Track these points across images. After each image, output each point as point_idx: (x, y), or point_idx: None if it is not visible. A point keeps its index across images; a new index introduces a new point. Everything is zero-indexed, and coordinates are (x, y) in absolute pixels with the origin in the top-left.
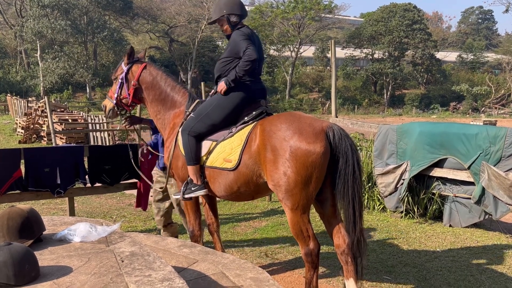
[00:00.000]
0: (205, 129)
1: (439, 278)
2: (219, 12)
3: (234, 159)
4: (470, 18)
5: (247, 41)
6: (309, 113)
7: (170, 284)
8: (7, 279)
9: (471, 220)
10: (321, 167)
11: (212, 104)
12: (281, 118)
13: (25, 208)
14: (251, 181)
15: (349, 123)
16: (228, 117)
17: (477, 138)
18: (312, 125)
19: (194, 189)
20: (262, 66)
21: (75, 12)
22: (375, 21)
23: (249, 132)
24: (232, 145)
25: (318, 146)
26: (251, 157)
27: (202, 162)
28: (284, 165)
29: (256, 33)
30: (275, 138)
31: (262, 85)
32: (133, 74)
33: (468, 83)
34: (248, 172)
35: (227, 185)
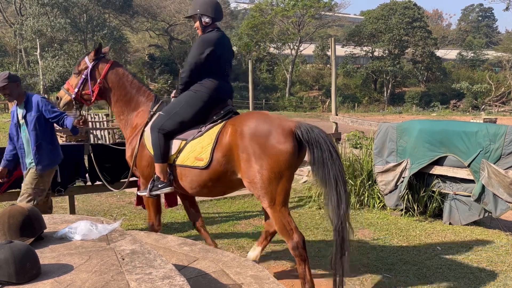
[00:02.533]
0: (174, 127)
1: (439, 275)
2: (193, 10)
3: (206, 158)
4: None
5: (193, 55)
6: (310, 111)
7: (171, 282)
8: (8, 277)
9: (471, 218)
10: (292, 164)
11: (181, 102)
12: (252, 118)
13: (26, 206)
14: (224, 178)
15: (349, 121)
16: (197, 116)
17: (477, 136)
18: (281, 125)
19: (161, 186)
20: (231, 67)
21: (74, 10)
22: (375, 18)
23: (218, 131)
24: (203, 144)
25: (288, 145)
26: (224, 155)
27: (170, 160)
28: (257, 164)
29: (226, 35)
30: (248, 138)
31: (230, 85)
32: (99, 72)
33: (468, 80)
34: (221, 169)
35: (199, 182)
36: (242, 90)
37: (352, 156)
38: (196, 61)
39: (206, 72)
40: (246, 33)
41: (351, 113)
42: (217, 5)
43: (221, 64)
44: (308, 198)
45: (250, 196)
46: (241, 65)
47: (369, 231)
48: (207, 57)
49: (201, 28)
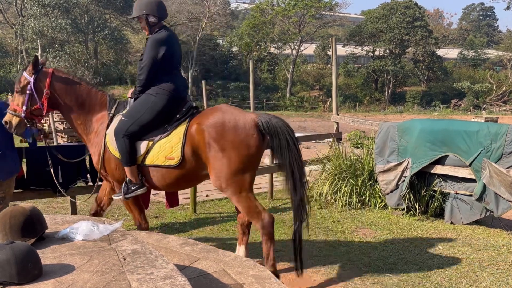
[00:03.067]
0: (140, 130)
1: (441, 275)
2: (139, 10)
3: (177, 156)
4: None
5: (149, 56)
6: (311, 111)
7: (172, 282)
8: (10, 277)
9: (472, 217)
10: (258, 155)
11: (144, 107)
12: (216, 114)
13: (27, 206)
14: (194, 173)
15: (350, 121)
16: (161, 117)
17: (478, 135)
18: (245, 118)
19: (134, 188)
20: (180, 61)
21: (75, 11)
22: (376, 18)
23: (185, 129)
24: (172, 143)
25: (254, 137)
26: (193, 152)
27: (139, 161)
28: (226, 157)
29: (174, 33)
30: (215, 133)
31: (184, 80)
32: (43, 83)
33: (469, 80)
34: (191, 166)
35: (170, 179)
36: (243, 90)
37: (353, 155)
38: (153, 61)
39: (162, 71)
40: (247, 33)
41: (352, 112)
42: (161, 4)
43: (175, 62)
44: (309, 198)
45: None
46: (242, 65)
47: (370, 231)
48: (162, 56)
49: (148, 28)
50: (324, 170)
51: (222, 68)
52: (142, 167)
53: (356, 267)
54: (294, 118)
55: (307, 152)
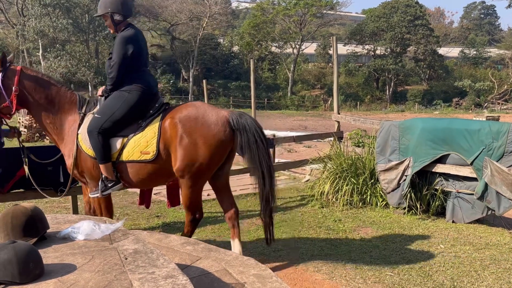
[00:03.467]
0: (114, 127)
1: (442, 274)
2: (104, 8)
3: (152, 151)
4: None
5: (119, 54)
6: (312, 110)
7: (174, 281)
8: (12, 277)
9: (474, 216)
10: (227, 150)
11: (117, 104)
12: (190, 109)
13: (29, 206)
14: (169, 168)
15: (351, 120)
16: (135, 114)
17: (480, 134)
18: (218, 114)
19: (111, 185)
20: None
21: (76, 10)
22: (377, 17)
23: (159, 124)
24: (147, 138)
25: (227, 133)
26: (168, 147)
27: (113, 158)
28: (197, 152)
29: (140, 30)
30: (189, 128)
31: (153, 76)
32: (11, 80)
33: (470, 78)
34: (166, 160)
35: (146, 174)
36: (244, 89)
37: (354, 154)
38: (124, 59)
39: (132, 68)
40: (248, 32)
41: (353, 111)
42: (126, 2)
43: (143, 59)
44: (310, 197)
45: (252, 195)
46: (243, 64)
47: (371, 230)
48: (132, 54)
49: (114, 26)
50: (325, 169)
51: (223, 67)
52: (117, 164)
53: (358, 266)
54: (295, 117)
55: (308, 151)
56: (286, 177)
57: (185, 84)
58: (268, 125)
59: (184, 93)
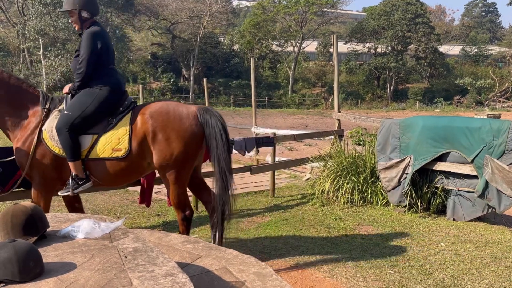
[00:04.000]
0: (84, 124)
1: (443, 271)
2: (72, 5)
3: (124, 148)
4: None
5: (88, 49)
6: (312, 108)
7: (174, 280)
8: (12, 276)
9: (474, 214)
10: (200, 144)
11: (88, 98)
12: (160, 105)
13: (29, 205)
14: (140, 164)
15: (352, 118)
16: (105, 111)
17: (480, 132)
18: (187, 109)
19: (82, 183)
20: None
21: None
22: (378, 15)
23: (130, 121)
24: (118, 135)
25: (198, 128)
26: (140, 142)
27: (83, 155)
28: (171, 146)
29: (104, 29)
30: (161, 124)
31: (120, 73)
32: None
33: (471, 76)
34: (137, 157)
35: (117, 172)
36: (245, 88)
37: (355, 152)
38: (93, 54)
39: (100, 65)
40: (248, 30)
41: (354, 110)
42: (94, 1)
43: (111, 55)
44: (311, 195)
45: (253, 194)
46: (244, 63)
47: (372, 228)
48: (101, 49)
49: (80, 24)
50: (325, 167)
51: (224, 66)
52: (87, 161)
53: (358, 264)
54: (296, 115)
55: (309, 150)
56: (287, 175)
57: (185, 83)
58: (268, 124)
59: (184, 92)
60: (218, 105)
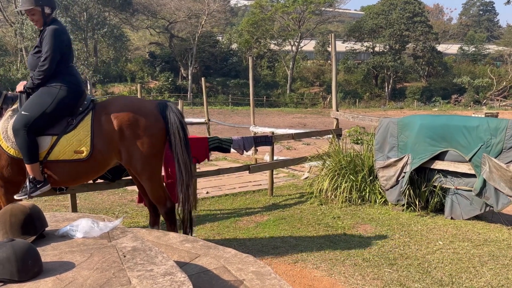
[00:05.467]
0: (43, 124)
1: (441, 270)
2: (35, 1)
3: (86, 150)
4: (471, 10)
5: (53, 46)
6: (311, 107)
7: (172, 279)
8: (11, 275)
9: (472, 213)
10: (165, 138)
11: (47, 98)
12: (123, 104)
13: (27, 204)
14: (105, 164)
15: (350, 117)
16: (65, 109)
17: (478, 130)
18: (151, 105)
19: (39, 186)
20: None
21: (74, 8)
22: (376, 14)
23: (91, 122)
24: (79, 137)
25: (161, 122)
26: (104, 143)
27: (41, 157)
28: (140, 143)
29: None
30: (127, 122)
31: (78, 72)
32: None
33: (469, 75)
34: (101, 157)
35: (78, 173)
36: (243, 87)
37: (353, 151)
38: (58, 52)
39: (61, 63)
40: (247, 29)
41: (352, 109)
42: None
43: (72, 53)
44: (309, 194)
45: (251, 193)
46: (242, 62)
47: (370, 227)
48: (65, 47)
49: (43, 20)
50: (324, 166)
51: (222, 65)
52: (45, 163)
53: (356, 263)
54: (294, 114)
55: (307, 149)
56: (285, 174)
57: (183, 82)
58: (267, 123)
59: (183, 91)
60: (216, 104)
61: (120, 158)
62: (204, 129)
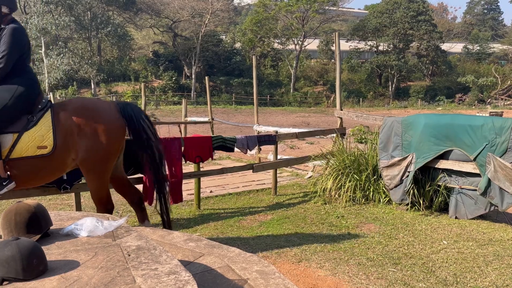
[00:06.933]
0: (4, 122)
1: (445, 269)
2: None
3: (50, 145)
4: (476, 8)
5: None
6: (314, 106)
7: (176, 277)
8: (16, 274)
9: (477, 212)
10: (123, 137)
11: (7, 95)
12: (82, 102)
13: (32, 203)
14: (65, 161)
15: (354, 116)
16: (25, 107)
17: (483, 129)
18: (108, 104)
19: (5, 184)
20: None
21: (78, 8)
22: (380, 13)
23: (52, 118)
24: (42, 132)
25: (120, 122)
26: (65, 138)
27: (3, 155)
28: (98, 140)
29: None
30: (86, 118)
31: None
32: None
33: (474, 74)
34: (62, 153)
35: (42, 170)
36: (246, 86)
37: (357, 151)
38: (16, 52)
39: (19, 61)
40: (250, 28)
41: (356, 108)
42: None
43: (30, 54)
44: (313, 193)
45: (255, 192)
46: (245, 61)
47: (374, 226)
48: (24, 47)
49: None
50: (328, 165)
51: (225, 64)
52: (8, 161)
53: (360, 262)
54: (298, 113)
55: (311, 148)
56: (289, 173)
57: (187, 81)
58: (270, 122)
59: (186, 90)
60: (220, 103)
61: (76, 155)
62: (207, 128)
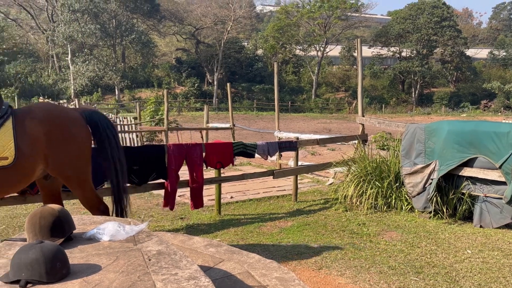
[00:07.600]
0: None
1: (469, 279)
2: None
3: (11, 155)
4: (502, 13)
5: None
6: (336, 112)
7: (196, 283)
8: (39, 277)
9: (502, 221)
10: (90, 144)
11: None
12: (48, 109)
13: (56, 207)
14: (31, 171)
15: (376, 122)
16: None
17: (509, 137)
18: (73, 113)
19: None
20: None
21: (104, 16)
22: (403, 18)
23: (13, 126)
24: (2, 143)
25: (87, 129)
26: (29, 148)
27: None
28: (67, 150)
29: None
30: (55, 127)
31: None
32: None
33: (500, 80)
34: (27, 163)
35: (3, 181)
36: (268, 92)
37: (379, 157)
38: None
39: None
40: (272, 35)
41: (378, 114)
42: None
43: None
44: (334, 200)
45: (275, 198)
46: (267, 67)
47: (396, 234)
48: None
49: None
50: (349, 172)
51: (247, 71)
52: None
53: (382, 271)
54: (319, 119)
55: (332, 154)
56: (310, 180)
57: (209, 88)
58: (291, 128)
59: (208, 96)
60: (241, 110)
61: (46, 164)
62: (229, 134)
